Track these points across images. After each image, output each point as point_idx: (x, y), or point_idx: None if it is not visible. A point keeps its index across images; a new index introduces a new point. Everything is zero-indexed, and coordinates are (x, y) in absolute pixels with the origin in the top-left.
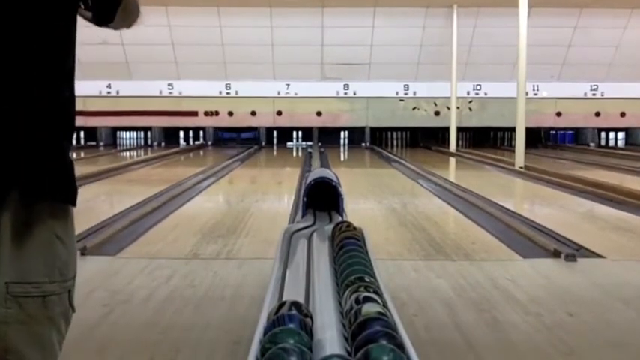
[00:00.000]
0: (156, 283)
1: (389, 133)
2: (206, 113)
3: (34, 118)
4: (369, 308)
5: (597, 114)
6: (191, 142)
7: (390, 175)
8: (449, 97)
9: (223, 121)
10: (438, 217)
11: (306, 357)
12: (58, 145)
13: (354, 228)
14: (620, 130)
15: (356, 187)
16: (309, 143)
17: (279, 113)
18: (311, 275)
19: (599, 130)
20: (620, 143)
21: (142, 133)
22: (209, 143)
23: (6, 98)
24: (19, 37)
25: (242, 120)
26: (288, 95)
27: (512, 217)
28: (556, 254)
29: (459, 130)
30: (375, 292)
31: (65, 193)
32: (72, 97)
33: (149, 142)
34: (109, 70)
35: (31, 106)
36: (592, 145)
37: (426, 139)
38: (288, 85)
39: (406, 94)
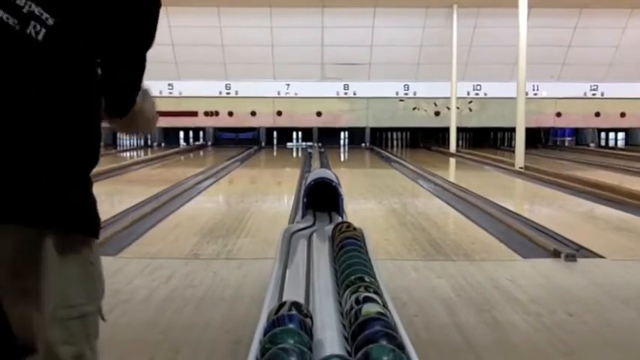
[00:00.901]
0: (156, 284)
1: (389, 134)
2: (206, 113)
3: (67, 162)
4: (369, 308)
5: (597, 114)
6: (191, 142)
7: (390, 176)
8: (449, 98)
9: (223, 121)
10: (437, 218)
11: (306, 357)
12: (86, 184)
13: (354, 228)
14: (620, 130)
15: (356, 187)
16: (309, 143)
17: (279, 113)
18: (311, 275)
19: (599, 130)
20: (620, 143)
21: None
22: (209, 143)
23: (41, 144)
24: (45, 79)
25: (242, 120)
26: (288, 95)
27: (512, 218)
28: (556, 254)
29: (459, 130)
30: (375, 293)
31: (93, 228)
32: (98, 135)
33: (149, 142)
34: None
35: (65, 151)
36: (592, 145)
37: (426, 140)
38: (288, 85)
39: (406, 94)
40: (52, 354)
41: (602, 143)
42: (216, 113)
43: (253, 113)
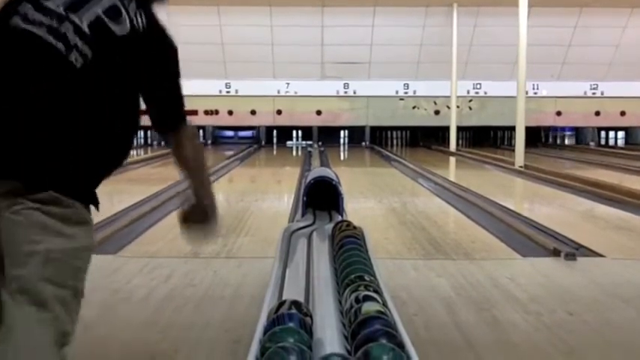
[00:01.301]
0: (155, 282)
1: (389, 132)
2: (206, 112)
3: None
4: (369, 307)
5: (597, 113)
6: None
7: (390, 174)
8: (449, 97)
9: (223, 120)
10: (437, 217)
11: (306, 356)
12: (98, 178)
13: (354, 227)
14: (620, 129)
15: (356, 186)
16: (309, 142)
17: (279, 112)
18: (311, 274)
19: (599, 129)
20: (620, 142)
21: (142, 132)
22: (208, 142)
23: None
24: (78, 96)
25: (242, 119)
26: (288, 94)
27: (512, 217)
28: (556, 253)
29: (459, 129)
30: (375, 291)
31: (94, 198)
32: (119, 146)
33: (149, 141)
34: None
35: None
36: (592, 144)
37: (425, 138)
38: (288, 84)
39: (406, 93)
40: (32, 289)
41: (602, 142)
42: (216, 112)
43: (253, 112)
